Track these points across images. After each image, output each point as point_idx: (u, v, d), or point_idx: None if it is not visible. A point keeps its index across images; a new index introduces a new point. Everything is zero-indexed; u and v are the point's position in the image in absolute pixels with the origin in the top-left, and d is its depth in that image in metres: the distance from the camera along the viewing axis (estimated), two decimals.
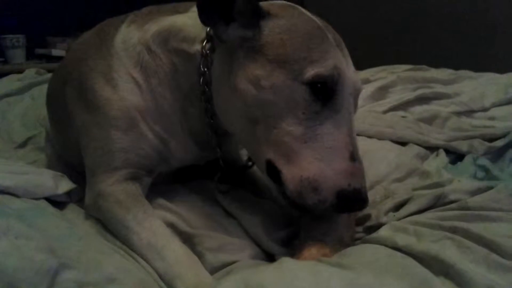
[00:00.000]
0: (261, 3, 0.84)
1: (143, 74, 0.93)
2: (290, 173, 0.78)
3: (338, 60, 0.80)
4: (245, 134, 0.86)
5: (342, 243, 0.82)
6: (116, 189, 0.89)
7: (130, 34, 0.96)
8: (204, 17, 0.81)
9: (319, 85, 0.77)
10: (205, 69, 0.88)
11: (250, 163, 1.03)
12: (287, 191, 0.79)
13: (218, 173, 0.98)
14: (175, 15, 0.95)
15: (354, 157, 0.78)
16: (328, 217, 0.84)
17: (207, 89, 0.89)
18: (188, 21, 0.91)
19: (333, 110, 0.79)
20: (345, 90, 0.80)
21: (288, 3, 0.89)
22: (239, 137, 0.91)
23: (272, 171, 0.82)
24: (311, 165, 0.77)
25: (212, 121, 0.92)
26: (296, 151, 0.78)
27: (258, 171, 0.99)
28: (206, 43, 0.88)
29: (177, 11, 0.96)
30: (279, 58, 0.79)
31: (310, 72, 0.77)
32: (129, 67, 0.94)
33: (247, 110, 0.82)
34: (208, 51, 0.87)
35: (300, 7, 0.88)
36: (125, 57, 0.94)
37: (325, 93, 0.78)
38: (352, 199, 0.76)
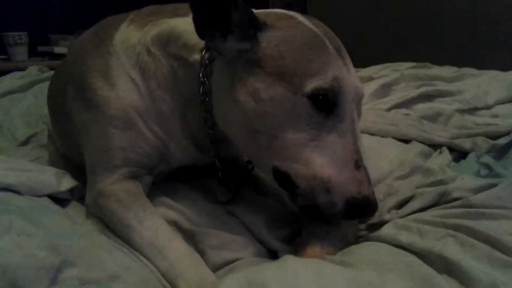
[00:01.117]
0: (258, 13, 0.83)
1: (142, 75, 0.93)
2: (302, 172, 0.78)
3: (338, 70, 0.79)
4: (247, 143, 0.85)
5: (345, 241, 0.81)
6: (117, 188, 0.89)
7: (130, 34, 0.95)
8: (201, 32, 0.80)
9: (320, 97, 0.77)
10: (205, 79, 0.87)
11: (251, 166, 1.01)
12: (300, 187, 0.78)
13: (220, 186, 0.97)
14: (175, 18, 0.94)
15: (359, 164, 0.78)
16: None
17: (206, 99, 0.88)
18: (188, 27, 0.89)
19: (337, 120, 0.79)
20: (347, 99, 0.79)
21: (285, 12, 0.88)
22: (241, 146, 0.89)
23: (280, 176, 0.81)
24: (323, 168, 0.77)
25: (211, 131, 0.91)
26: (304, 155, 0.77)
27: None
28: (205, 52, 0.87)
29: (177, 13, 0.95)
30: (278, 70, 0.78)
31: (310, 85, 0.76)
32: (127, 67, 0.93)
33: (247, 121, 0.81)
34: (207, 61, 0.86)
35: (297, 16, 0.86)
36: (124, 57, 0.94)
37: (328, 105, 0.78)
38: (362, 206, 0.77)
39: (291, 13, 0.88)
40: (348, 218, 0.79)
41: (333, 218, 0.79)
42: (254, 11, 0.83)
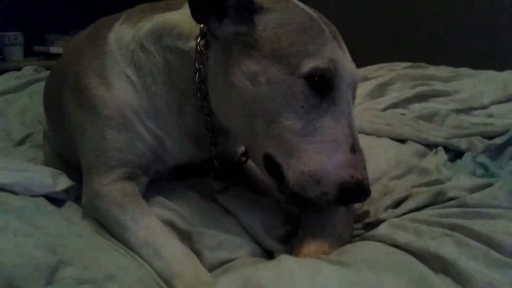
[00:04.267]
0: None
1: (138, 73, 0.93)
2: (291, 167, 0.78)
3: (335, 52, 0.80)
4: (243, 129, 0.85)
5: (341, 240, 0.82)
6: (112, 189, 0.89)
7: (124, 33, 0.95)
8: (197, 14, 0.81)
9: (316, 78, 0.77)
10: (200, 66, 0.87)
11: (244, 159, 1.01)
12: (288, 185, 0.78)
13: (212, 172, 0.97)
14: (167, 12, 0.94)
15: (354, 148, 0.78)
16: (326, 214, 0.84)
17: (202, 86, 0.88)
18: (181, 18, 0.90)
19: (332, 102, 0.79)
20: (343, 82, 0.80)
21: None
22: (237, 133, 0.89)
23: (271, 165, 0.81)
24: (312, 158, 0.77)
25: (208, 118, 0.91)
26: (296, 145, 0.78)
27: (255, 168, 0.98)
28: (200, 39, 0.87)
29: (169, 8, 0.95)
30: (275, 53, 0.78)
31: (307, 66, 0.77)
32: (123, 66, 0.93)
33: (244, 106, 0.82)
34: (202, 48, 0.86)
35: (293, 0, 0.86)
36: (119, 56, 0.94)
37: (323, 86, 0.78)
38: (355, 191, 0.77)
39: None
40: (341, 204, 0.80)
41: (326, 206, 0.79)
42: None
